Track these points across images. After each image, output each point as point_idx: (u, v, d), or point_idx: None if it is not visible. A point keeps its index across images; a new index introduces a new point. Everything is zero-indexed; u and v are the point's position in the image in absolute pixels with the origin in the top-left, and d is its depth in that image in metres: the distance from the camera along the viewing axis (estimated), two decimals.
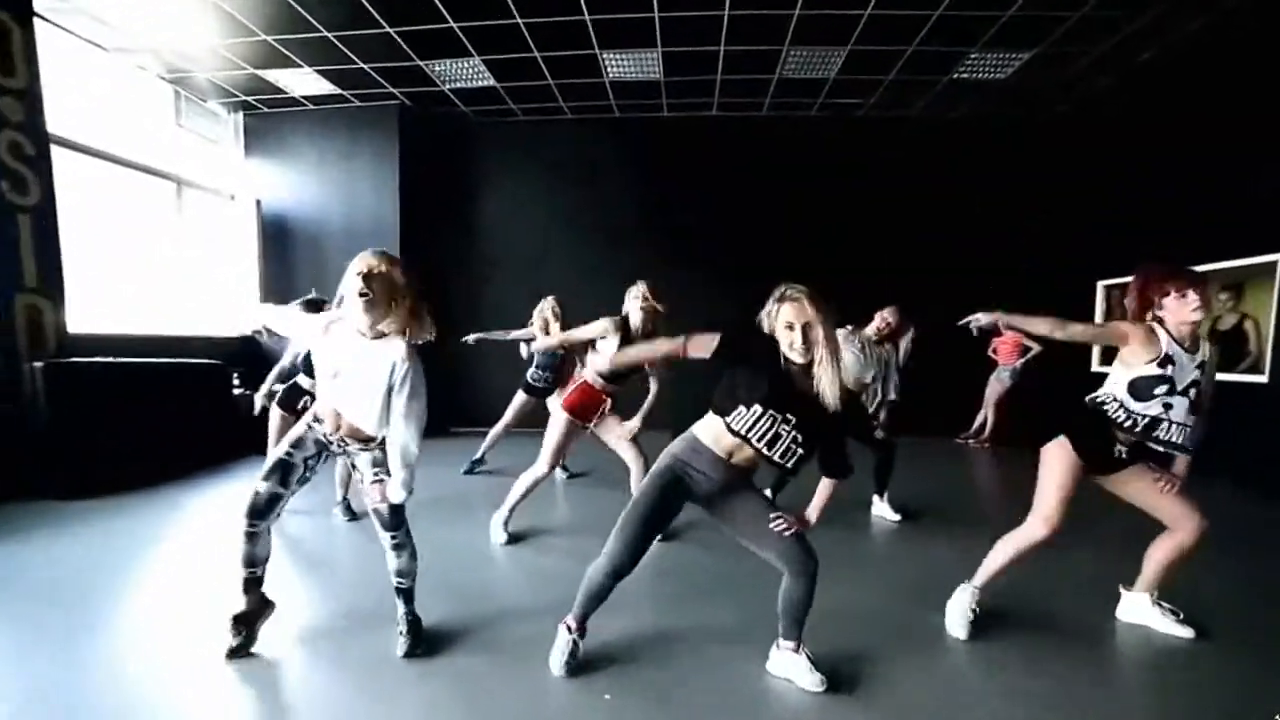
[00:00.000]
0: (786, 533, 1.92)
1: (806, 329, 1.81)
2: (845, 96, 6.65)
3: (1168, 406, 2.17)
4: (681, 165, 7.35)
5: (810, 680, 1.96)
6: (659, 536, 2.20)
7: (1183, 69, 5.39)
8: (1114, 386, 2.28)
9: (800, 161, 7.23)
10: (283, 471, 2.09)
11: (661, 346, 2.10)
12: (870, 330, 3.85)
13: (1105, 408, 2.27)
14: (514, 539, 3.42)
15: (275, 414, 3.73)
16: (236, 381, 5.84)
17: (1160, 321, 2.24)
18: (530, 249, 7.55)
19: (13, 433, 4.11)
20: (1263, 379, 4.57)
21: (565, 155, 7.46)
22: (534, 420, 4.59)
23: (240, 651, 2.11)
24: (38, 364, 4.20)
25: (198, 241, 6.70)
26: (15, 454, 4.09)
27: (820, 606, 2.02)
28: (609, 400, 3.35)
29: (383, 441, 2.12)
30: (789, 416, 1.85)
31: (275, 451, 2.13)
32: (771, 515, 1.96)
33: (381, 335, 2.03)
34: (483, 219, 7.66)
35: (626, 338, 3.13)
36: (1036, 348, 6.36)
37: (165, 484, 4.60)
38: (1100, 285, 6.36)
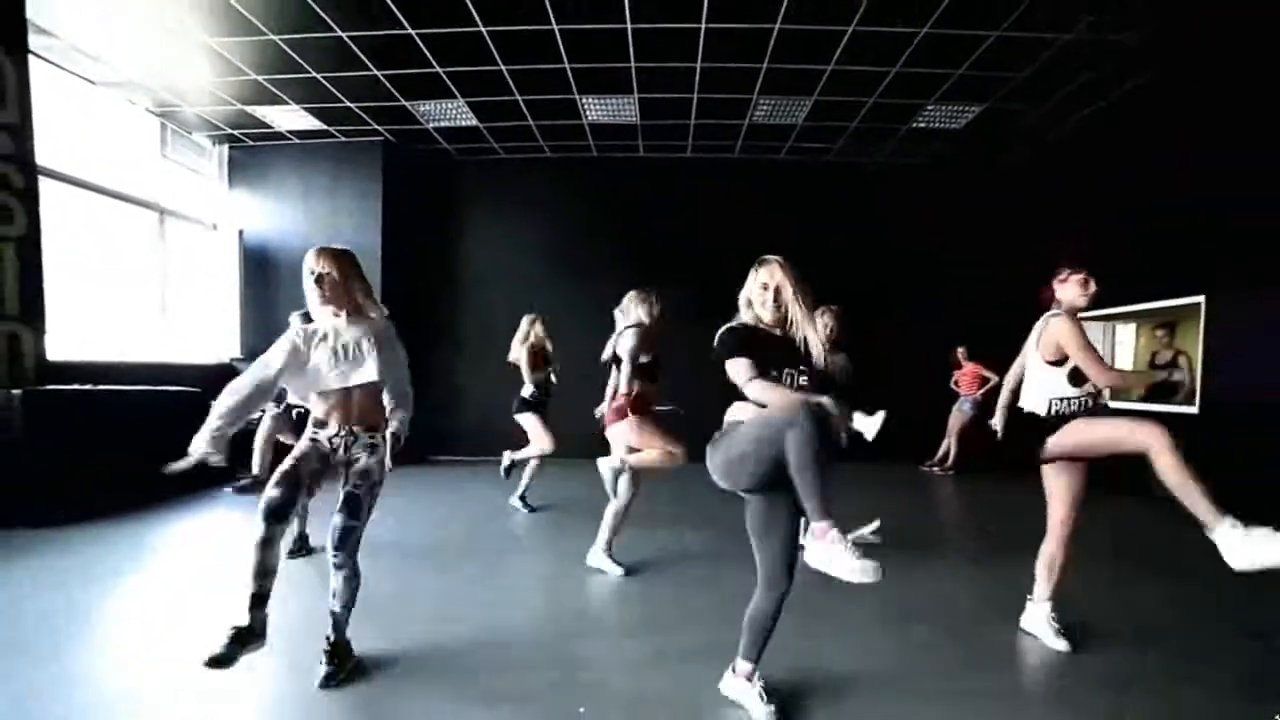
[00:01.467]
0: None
1: (779, 290, 1.95)
2: (812, 142, 7.04)
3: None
4: (657, 204, 7.65)
5: (761, 712, 1.97)
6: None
7: (1118, 125, 5.86)
8: (1053, 388, 2.50)
9: (770, 202, 7.59)
10: (293, 479, 2.06)
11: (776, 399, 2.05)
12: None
13: (1055, 413, 2.49)
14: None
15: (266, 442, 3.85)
16: None
17: (1058, 304, 2.58)
18: (509, 282, 7.73)
19: None
20: (1194, 410, 4.90)
21: (544, 193, 7.72)
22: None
23: (223, 663, 1.92)
24: (15, 391, 4.21)
25: (180, 270, 6.75)
26: None
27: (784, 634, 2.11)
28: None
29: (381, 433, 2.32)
30: (802, 368, 1.95)
31: (282, 465, 2.11)
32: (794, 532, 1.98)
33: (354, 312, 2.32)
34: (463, 253, 7.84)
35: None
36: (995, 379, 6.69)
37: (144, 511, 4.60)
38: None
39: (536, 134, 6.94)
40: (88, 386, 4.72)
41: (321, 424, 2.24)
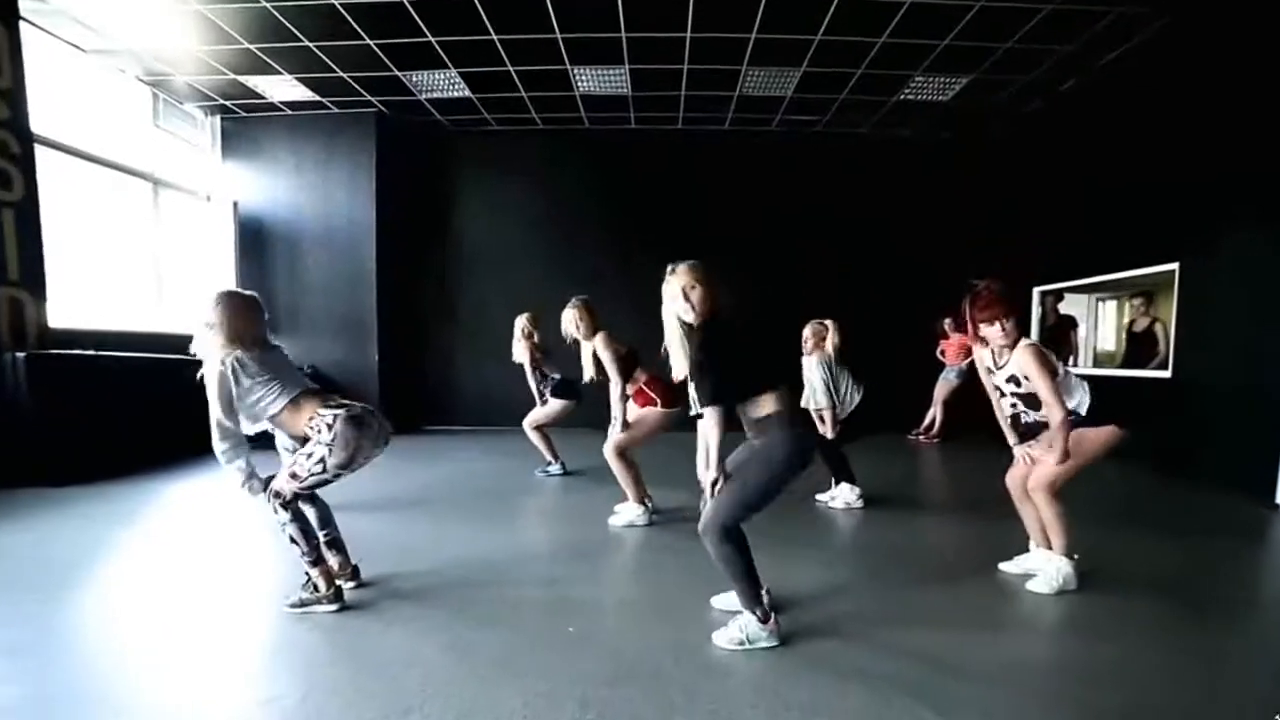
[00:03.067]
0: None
1: (688, 292, 2.09)
2: (802, 114, 7.11)
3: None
4: (648, 175, 7.72)
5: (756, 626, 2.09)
6: None
7: (1098, 96, 5.95)
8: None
9: (760, 173, 7.66)
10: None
11: None
12: (829, 349, 4.11)
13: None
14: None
15: None
16: None
17: (984, 341, 2.69)
18: (502, 252, 7.82)
19: None
20: (1167, 374, 5.07)
21: (537, 164, 7.77)
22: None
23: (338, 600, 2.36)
24: (20, 355, 4.31)
25: (174, 240, 6.80)
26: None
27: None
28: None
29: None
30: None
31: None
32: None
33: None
34: (456, 223, 7.91)
35: None
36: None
37: (141, 473, 4.77)
38: (1036, 291, 6.88)
39: (529, 105, 6.98)
40: (90, 352, 4.83)
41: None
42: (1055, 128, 6.60)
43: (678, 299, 2.10)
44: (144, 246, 6.47)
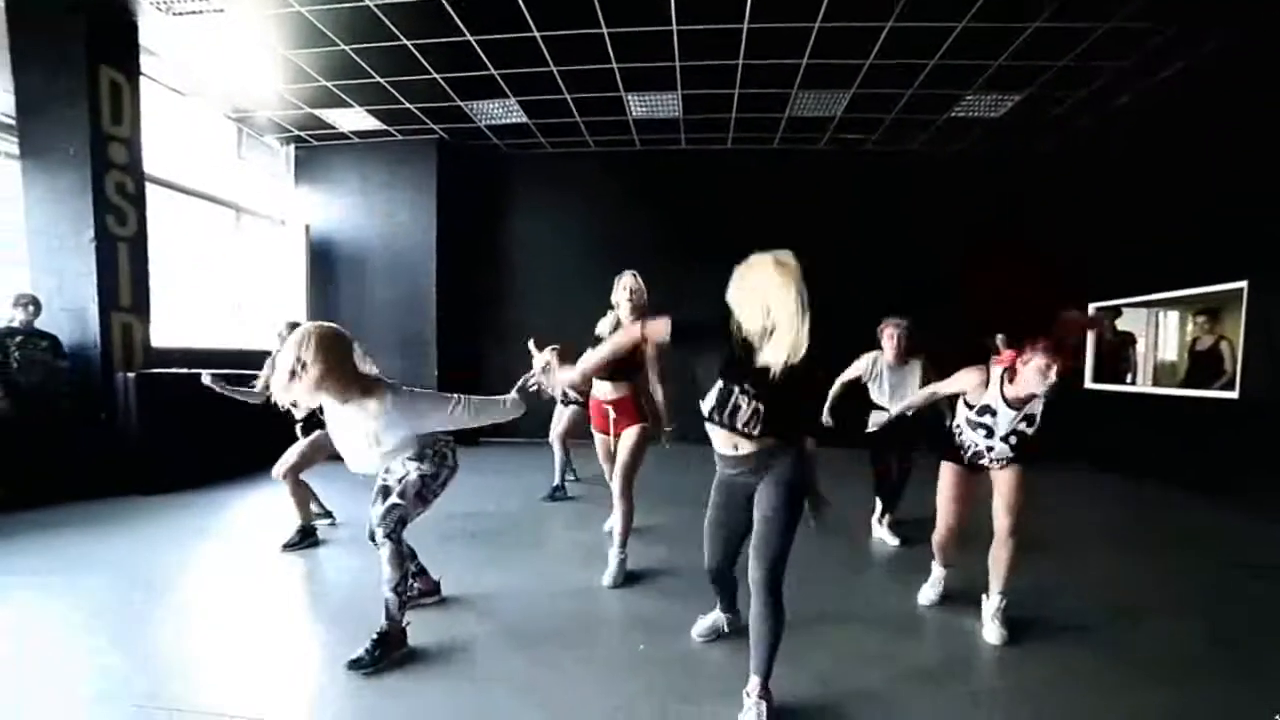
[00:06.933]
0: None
1: (766, 293, 1.79)
2: (851, 132, 7.17)
3: (990, 448, 2.53)
4: (698, 194, 7.88)
5: None
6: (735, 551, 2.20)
7: (1156, 110, 5.86)
8: (959, 407, 2.68)
9: (809, 190, 7.74)
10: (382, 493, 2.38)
11: (619, 338, 2.10)
12: (890, 355, 3.82)
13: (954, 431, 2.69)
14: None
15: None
16: None
17: (1009, 374, 2.41)
18: (555, 271, 8.08)
19: (108, 436, 4.66)
20: (1234, 395, 4.96)
21: (589, 184, 8.02)
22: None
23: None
24: (130, 375, 4.75)
25: (253, 263, 7.30)
26: (111, 455, 4.63)
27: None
28: (611, 408, 3.24)
29: (420, 456, 2.36)
30: (746, 386, 1.80)
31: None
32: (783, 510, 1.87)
33: (349, 400, 2.17)
34: (512, 242, 8.22)
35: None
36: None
37: (229, 482, 5.18)
38: (1092, 308, 6.76)
39: (583, 129, 7.24)
40: (184, 370, 5.25)
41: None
42: (1109, 142, 6.51)
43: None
44: (227, 269, 6.97)
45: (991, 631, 2.53)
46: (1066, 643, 2.50)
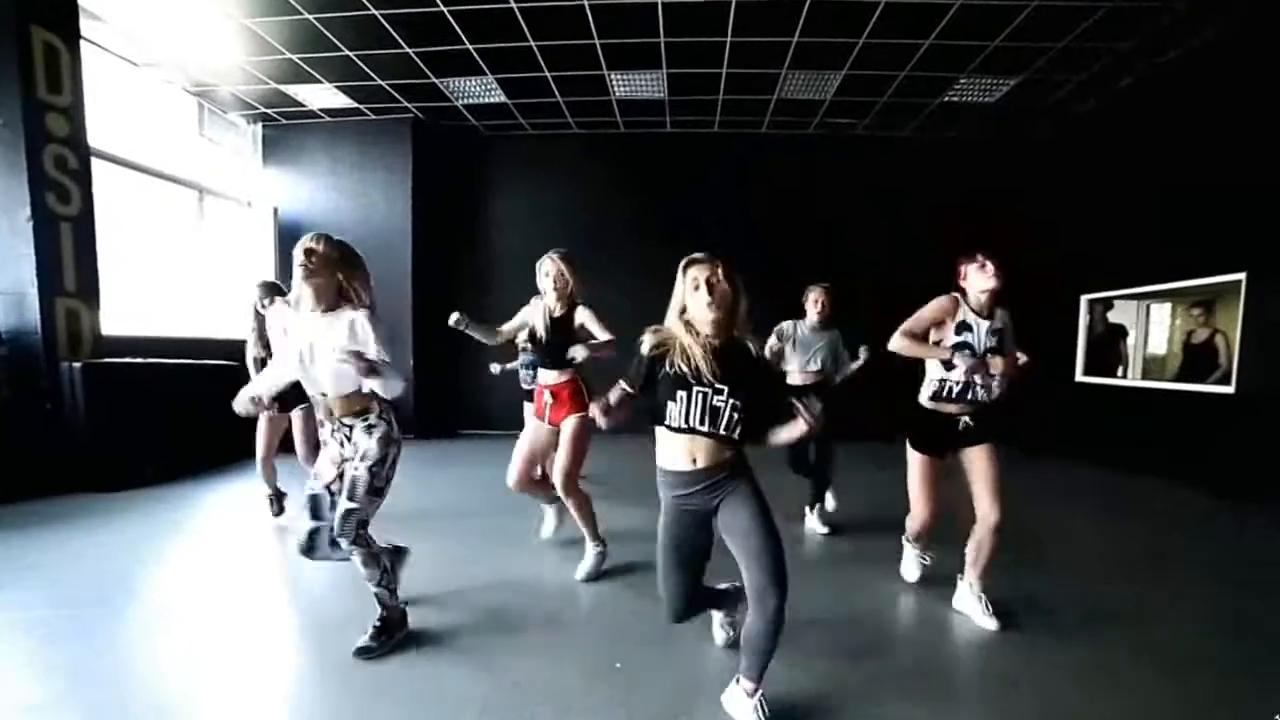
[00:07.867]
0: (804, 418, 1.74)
1: (711, 285, 1.78)
2: (841, 116, 6.95)
3: (974, 381, 2.48)
4: (682, 178, 7.64)
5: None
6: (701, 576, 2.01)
7: (1158, 96, 5.69)
8: (930, 367, 2.60)
9: (797, 176, 7.52)
10: (312, 505, 2.29)
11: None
12: (814, 316, 3.74)
13: (926, 391, 2.59)
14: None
15: (263, 417, 3.75)
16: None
17: (963, 293, 2.58)
18: (536, 256, 7.69)
19: (53, 429, 4.36)
20: (1229, 390, 4.84)
21: (571, 168, 7.74)
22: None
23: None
24: (76, 364, 4.44)
25: (217, 247, 6.95)
26: (56, 449, 4.33)
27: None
28: (550, 393, 3.10)
29: (380, 411, 2.22)
30: (719, 386, 1.76)
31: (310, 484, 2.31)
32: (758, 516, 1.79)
33: (332, 309, 2.18)
34: (491, 227, 7.93)
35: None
36: (1024, 358, 6.61)
37: (185, 479, 4.87)
38: (1084, 299, 6.64)
39: (564, 110, 6.95)
40: (137, 360, 4.95)
41: (321, 421, 2.30)
42: (1105, 128, 6.34)
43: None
44: (189, 252, 6.62)
45: (987, 621, 2.50)
46: (1062, 633, 2.46)
